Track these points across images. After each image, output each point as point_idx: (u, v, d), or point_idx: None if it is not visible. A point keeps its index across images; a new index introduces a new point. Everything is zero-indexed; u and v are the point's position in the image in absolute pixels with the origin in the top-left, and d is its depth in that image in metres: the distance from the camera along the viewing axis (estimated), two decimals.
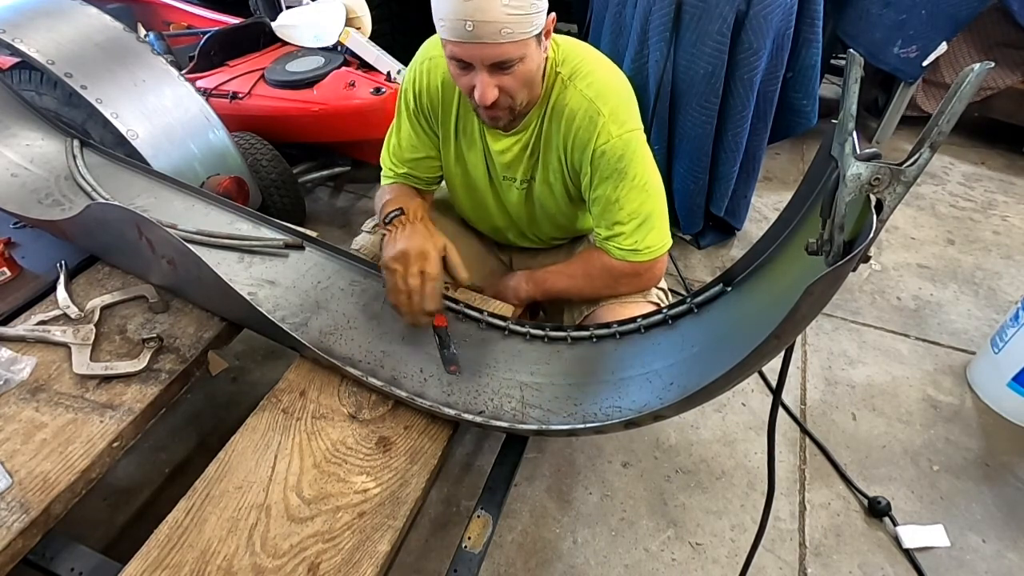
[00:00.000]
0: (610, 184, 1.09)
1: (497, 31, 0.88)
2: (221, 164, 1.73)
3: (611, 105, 1.06)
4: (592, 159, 1.08)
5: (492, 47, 0.90)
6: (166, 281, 1.20)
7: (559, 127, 1.10)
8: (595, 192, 1.12)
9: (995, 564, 1.35)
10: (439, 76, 1.14)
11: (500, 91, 0.97)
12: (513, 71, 0.96)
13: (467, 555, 0.91)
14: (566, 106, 1.07)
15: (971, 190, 2.79)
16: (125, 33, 1.66)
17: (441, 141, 1.22)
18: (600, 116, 1.05)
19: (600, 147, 1.06)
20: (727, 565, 1.34)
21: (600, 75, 1.09)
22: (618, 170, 1.08)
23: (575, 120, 1.07)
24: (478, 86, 0.96)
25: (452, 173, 1.27)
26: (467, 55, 0.93)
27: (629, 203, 1.10)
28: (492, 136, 1.16)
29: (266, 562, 0.82)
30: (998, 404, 1.70)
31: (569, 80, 1.08)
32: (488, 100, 0.96)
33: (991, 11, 2.55)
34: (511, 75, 0.96)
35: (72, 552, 0.88)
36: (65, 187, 1.42)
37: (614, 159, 1.07)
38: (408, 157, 1.25)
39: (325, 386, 1.06)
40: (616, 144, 1.06)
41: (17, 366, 1.03)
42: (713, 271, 2.27)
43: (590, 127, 1.06)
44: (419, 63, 1.17)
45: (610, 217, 1.12)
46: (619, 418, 0.94)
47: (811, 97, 2.13)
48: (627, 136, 1.07)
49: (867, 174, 0.62)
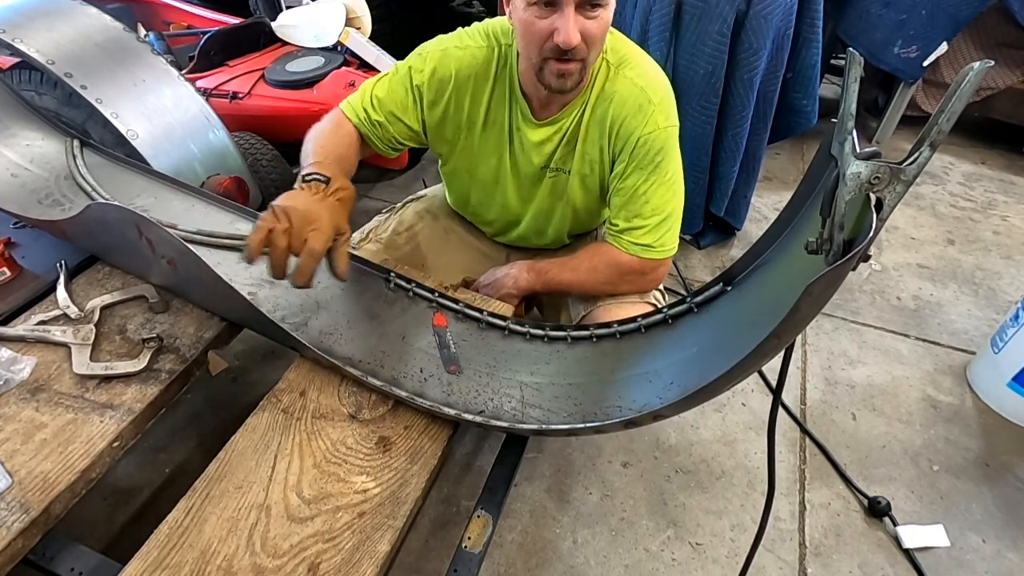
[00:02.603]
0: (642, 175, 1.09)
1: None
2: (221, 164, 1.73)
3: (660, 95, 1.07)
4: (634, 147, 1.08)
5: None
6: (166, 281, 1.20)
7: (606, 113, 1.09)
8: (624, 181, 1.11)
9: (995, 564, 1.35)
10: (468, 63, 1.12)
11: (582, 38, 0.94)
12: (598, 15, 0.94)
13: (467, 555, 0.91)
14: (615, 92, 1.07)
15: (971, 190, 2.79)
16: (125, 33, 1.66)
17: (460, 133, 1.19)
18: (651, 105, 1.05)
19: (645, 135, 1.06)
20: (727, 565, 1.34)
21: (649, 67, 1.10)
22: (655, 163, 1.08)
23: (625, 106, 1.07)
24: (563, 27, 0.92)
25: (467, 165, 1.24)
26: None
27: (655, 198, 1.10)
28: (528, 126, 1.14)
29: (266, 562, 0.81)
30: (998, 404, 1.70)
31: (618, 67, 1.07)
32: (573, 41, 0.92)
33: (991, 11, 2.56)
34: (595, 20, 0.94)
35: (72, 552, 0.87)
36: (65, 187, 1.41)
37: (654, 151, 1.07)
38: (389, 111, 1.18)
39: (325, 386, 1.06)
40: (659, 136, 1.06)
41: (17, 366, 1.03)
42: (713, 271, 2.27)
43: (639, 114, 1.06)
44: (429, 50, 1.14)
45: (632, 209, 1.12)
46: (619, 418, 0.94)
47: (811, 97, 2.14)
48: (670, 130, 1.08)
49: (867, 173, 0.62)
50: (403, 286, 1.21)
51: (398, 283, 1.21)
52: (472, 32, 1.15)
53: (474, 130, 1.18)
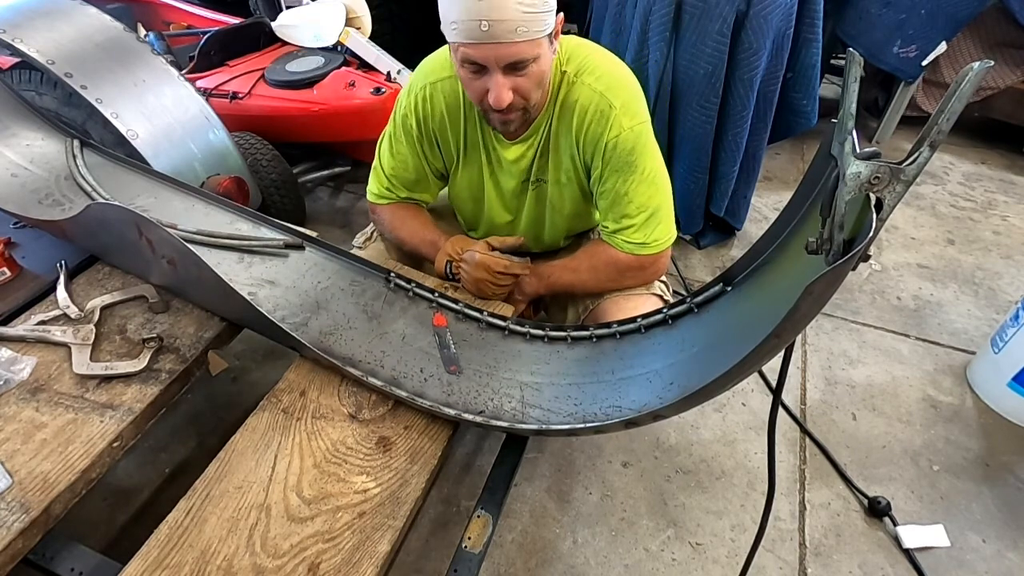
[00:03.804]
0: (620, 177, 1.09)
1: (513, 30, 0.88)
2: (221, 164, 1.73)
3: (622, 98, 1.07)
4: (604, 152, 1.08)
5: (507, 47, 0.90)
6: (166, 281, 1.20)
7: (569, 124, 1.09)
8: (604, 185, 1.12)
9: (995, 564, 1.35)
10: (441, 100, 1.13)
11: (515, 93, 0.96)
12: (527, 71, 0.95)
13: (467, 555, 0.91)
14: (576, 102, 1.07)
15: (971, 190, 2.79)
16: (125, 33, 1.66)
17: (449, 162, 1.23)
18: (612, 109, 1.05)
19: (612, 139, 1.06)
20: (727, 565, 1.34)
21: (607, 68, 1.09)
22: (629, 163, 1.08)
23: (587, 114, 1.07)
24: (492, 88, 0.95)
25: (459, 189, 1.27)
26: (482, 56, 0.92)
27: (638, 196, 1.10)
28: (502, 146, 1.15)
29: (266, 562, 0.81)
30: (998, 404, 1.70)
31: (576, 77, 1.07)
32: (504, 102, 0.95)
33: (991, 11, 2.56)
34: (525, 76, 0.96)
35: (72, 552, 0.88)
36: (65, 187, 1.41)
37: (625, 152, 1.07)
38: (412, 179, 1.26)
39: (325, 386, 1.06)
40: (628, 136, 1.06)
41: (17, 366, 1.03)
42: (713, 271, 2.27)
43: (602, 120, 1.06)
44: (417, 90, 1.15)
45: (619, 210, 1.12)
46: (619, 418, 0.94)
47: (811, 97, 2.13)
48: (638, 128, 1.08)
49: (867, 173, 0.62)
50: (403, 286, 1.21)
51: (398, 283, 1.21)
52: (441, 62, 1.14)
53: (464, 154, 1.20)
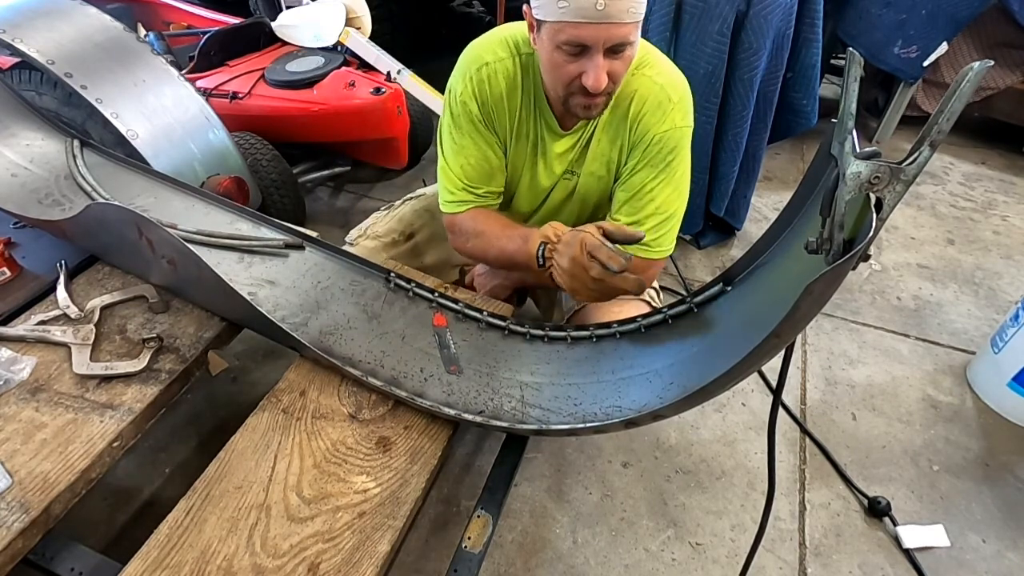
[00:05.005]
0: (652, 172, 1.09)
1: (626, 9, 0.88)
2: (221, 164, 1.73)
3: (680, 94, 1.07)
4: (649, 143, 1.08)
5: (618, 27, 0.89)
6: (166, 281, 1.20)
7: (625, 113, 1.08)
8: (633, 177, 1.11)
9: (995, 564, 1.35)
10: (500, 82, 1.09)
11: (608, 77, 0.95)
12: (623, 55, 0.94)
13: (467, 555, 0.91)
14: (634, 91, 1.07)
15: (971, 190, 2.79)
16: (125, 33, 1.66)
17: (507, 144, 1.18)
18: (670, 103, 1.05)
19: (661, 133, 1.06)
20: (727, 565, 1.34)
21: (667, 67, 1.09)
22: (666, 161, 1.08)
23: (644, 104, 1.06)
24: (591, 71, 0.92)
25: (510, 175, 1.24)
26: (592, 36, 0.90)
27: (660, 196, 1.10)
28: (552, 138, 1.14)
29: (266, 562, 0.81)
30: (998, 404, 1.70)
31: (637, 70, 1.07)
32: (602, 85, 0.94)
33: (991, 11, 2.56)
34: (621, 59, 0.94)
35: (72, 552, 0.88)
36: (65, 187, 1.41)
37: (667, 149, 1.07)
38: (486, 169, 1.17)
39: (325, 386, 1.06)
40: (675, 134, 1.06)
41: (17, 366, 1.03)
42: (713, 271, 2.27)
43: (658, 111, 1.06)
44: (473, 72, 1.10)
45: (636, 205, 1.12)
46: (619, 418, 0.94)
47: (811, 97, 2.14)
48: (685, 130, 1.08)
49: (867, 172, 0.62)
50: (403, 286, 1.21)
51: (398, 283, 1.21)
52: (493, 44, 1.11)
53: (508, 143, 1.17)
